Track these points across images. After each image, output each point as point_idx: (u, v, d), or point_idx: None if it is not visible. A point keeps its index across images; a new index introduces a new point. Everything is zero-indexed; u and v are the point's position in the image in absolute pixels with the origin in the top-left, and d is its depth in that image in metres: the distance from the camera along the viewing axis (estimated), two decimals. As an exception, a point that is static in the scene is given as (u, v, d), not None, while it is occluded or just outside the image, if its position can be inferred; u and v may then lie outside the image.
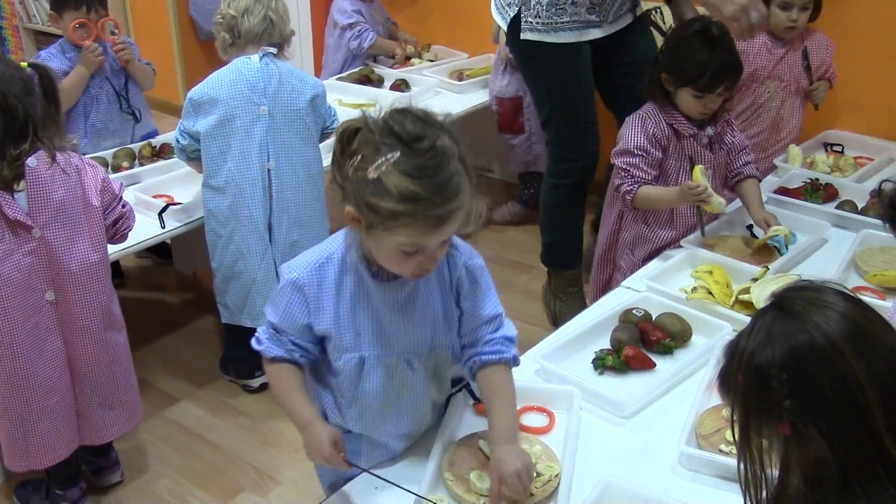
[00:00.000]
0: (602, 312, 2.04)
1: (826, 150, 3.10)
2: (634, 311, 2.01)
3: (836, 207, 2.57)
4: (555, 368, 1.82)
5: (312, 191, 2.68)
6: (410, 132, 1.31)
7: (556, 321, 3.15)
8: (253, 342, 1.59)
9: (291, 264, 1.52)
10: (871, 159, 2.97)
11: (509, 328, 1.60)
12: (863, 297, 2.06)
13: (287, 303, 1.50)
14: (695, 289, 2.12)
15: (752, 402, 1.06)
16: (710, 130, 2.36)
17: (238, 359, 2.84)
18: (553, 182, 2.90)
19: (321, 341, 1.55)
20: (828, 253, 2.39)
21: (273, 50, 2.59)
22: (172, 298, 3.47)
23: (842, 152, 3.08)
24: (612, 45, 2.68)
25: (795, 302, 1.08)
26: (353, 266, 1.48)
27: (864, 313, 1.08)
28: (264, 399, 2.81)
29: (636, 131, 2.34)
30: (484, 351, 1.57)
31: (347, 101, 3.60)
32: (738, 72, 2.29)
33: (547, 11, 2.60)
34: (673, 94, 2.32)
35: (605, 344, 1.96)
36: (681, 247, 2.35)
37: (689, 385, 1.84)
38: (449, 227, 1.35)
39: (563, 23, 2.61)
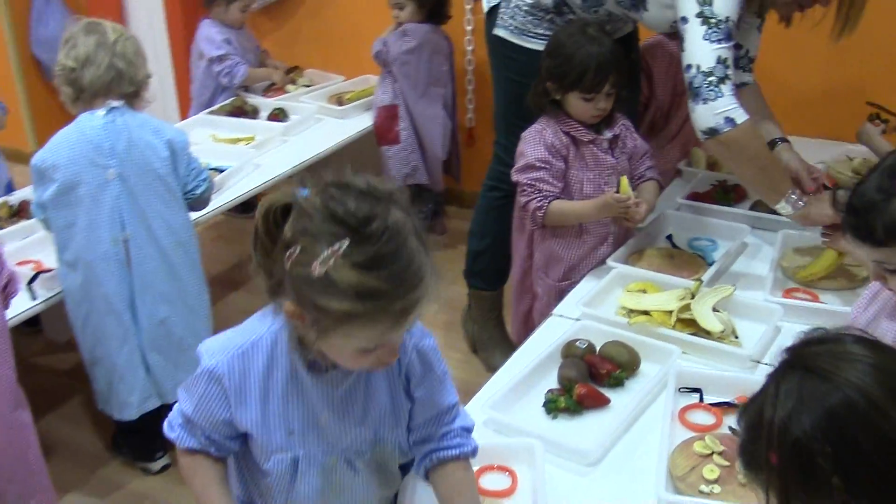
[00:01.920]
0: (542, 348, 1.89)
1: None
2: (577, 344, 1.87)
3: (751, 209, 2.53)
4: (507, 420, 1.66)
5: (183, 260, 2.36)
6: (357, 214, 1.10)
7: (476, 348, 3.02)
8: (165, 427, 1.37)
9: (211, 347, 1.29)
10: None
11: (465, 417, 1.43)
12: (797, 299, 2.09)
13: (203, 394, 1.28)
14: (631, 311, 2.01)
15: (794, 483, 0.91)
16: (608, 134, 2.26)
17: (134, 433, 2.53)
18: (491, 185, 2.75)
19: (244, 436, 1.34)
20: (752, 257, 2.33)
21: (118, 103, 2.23)
22: (45, 372, 3.10)
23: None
24: None
25: (820, 359, 0.94)
26: (283, 355, 1.26)
27: (893, 357, 0.96)
28: (169, 479, 2.52)
29: (535, 144, 2.22)
30: (441, 446, 1.38)
31: (222, 136, 3.35)
32: (622, 66, 2.20)
33: (524, 17, 2.46)
34: (563, 102, 2.21)
35: (552, 383, 1.81)
36: (604, 263, 2.25)
37: (648, 419, 1.72)
38: (413, 317, 1.17)
39: (536, 33, 2.46)
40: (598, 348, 1.86)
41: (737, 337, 1.94)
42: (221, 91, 3.77)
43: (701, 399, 1.75)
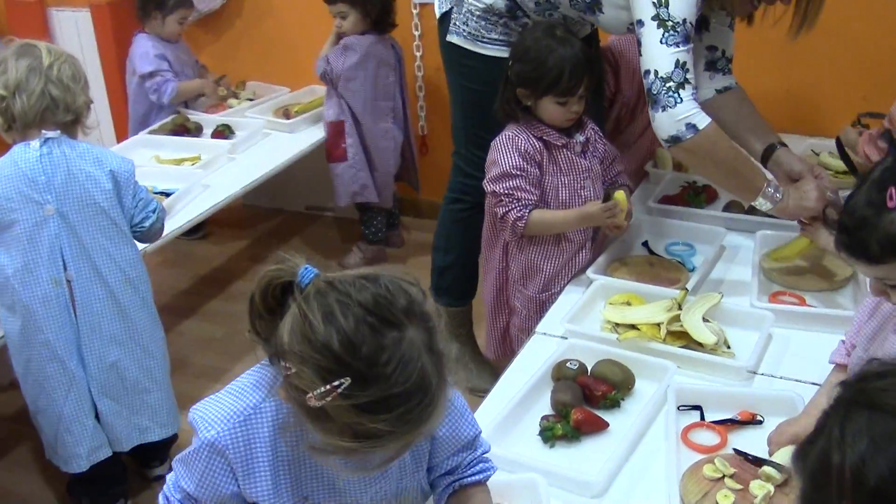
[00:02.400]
0: (530, 371, 1.79)
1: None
2: (568, 365, 1.77)
3: (725, 209, 2.47)
4: (503, 453, 1.55)
5: (132, 298, 2.18)
6: (361, 350, 0.97)
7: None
8: (160, 501, 1.24)
9: (206, 415, 1.15)
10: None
11: (484, 442, 1.34)
12: (783, 303, 2.03)
13: (205, 469, 1.15)
14: (617, 325, 1.92)
15: None
16: (580, 137, 2.18)
17: (91, 482, 2.33)
18: (454, 196, 2.64)
19: None
20: (731, 260, 2.26)
21: (54, 133, 2.05)
22: (-14, 418, 2.90)
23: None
24: None
25: (887, 395, 0.85)
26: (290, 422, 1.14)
27: None
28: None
29: (508, 151, 2.12)
30: (465, 475, 1.29)
31: (166, 156, 3.18)
32: (595, 66, 2.15)
33: (477, 23, 2.35)
34: (534, 109, 2.12)
35: (545, 408, 1.71)
36: (583, 273, 2.16)
37: (650, 441, 1.63)
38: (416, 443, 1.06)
39: (490, 38, 2.36)
40: (589, 368, 1.77)
41: (729, 347, 1.87)
42: (159, 109, 3.60)
43: (702, 417, 1.67)
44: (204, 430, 1.13)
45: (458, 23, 2.38)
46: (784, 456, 1.48)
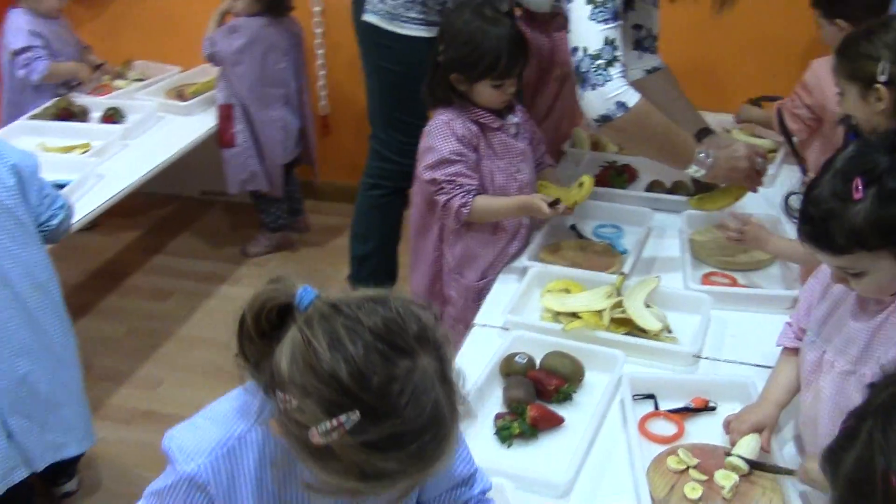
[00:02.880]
0: (478, 366, 1.72)
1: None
2: (517, 359, 1.72)
3: (648, 190, 2.47)
4: (464, 457, 1.48)
5: (42, 304, 1.97)
6: (372, 382, 0.88)
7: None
8: None
9: (184, 445, 1.03)
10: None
11: (484, 480, 1.26)
12: (716, 284, 2.04)
13: None
14: (558, 314, 1.88)
15: None
16: (513, 118, 2.13)
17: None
18: (371, 182, 2.55)
19: None
20: (660, 241, 2.25)
21: None
22: None
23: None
24: None
25: None
26: (279, 448, 1.03)
27: None
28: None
29: (445, 137, 2.04)
30: None
31: (53, 144, 2.93)
32: (528, 46, 2.08)
33: (394, 1, 2.25)
34: (468, 93, 2.05)
35: (497, 405, 1.65)
36: (516, 259, 2.13)
37: (607, 435, 1.59)
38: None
39: (409, 17, 2.26)
40: (538, 361, 1.72)
41: (670, 332, 1.85)
42: (36, 92, 3.31)
43: (656, 406, 1.65)
44: (183, 463, 1.01)
45: (374, 1, 2.27)
46: (748, 444, 1.47)
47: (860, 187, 1.22)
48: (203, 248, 3.64)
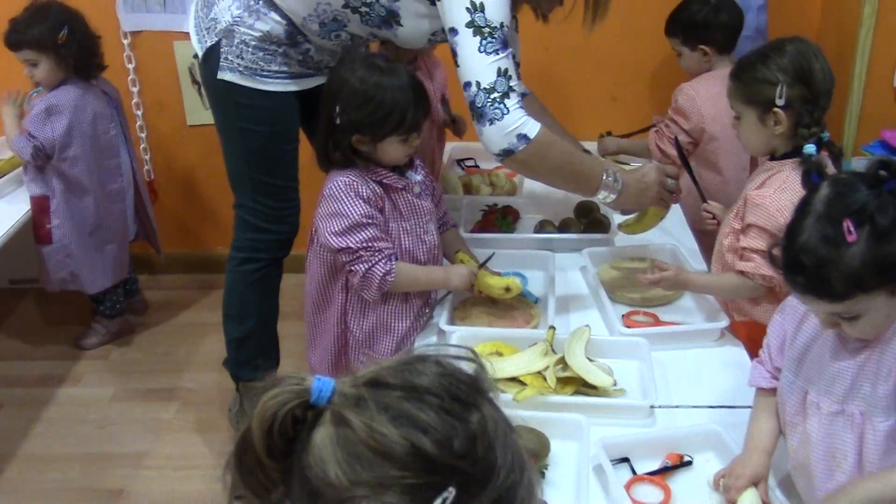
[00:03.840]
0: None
1: (462, 169, 2.91)
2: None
3: (538, 230, 2.38)
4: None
5: None
6: (460, 446, 0.73)
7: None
8: None
9: None
10: (511, 167, 2.86)
11: None
12: (638, 324, 1.98)
13: None
14: (495, 381, 1.74)
15: None
16: (417, 176, 1.98)
17: None
18: (243, 256, 2.28)
19: None
20: (568, 284, 2.17)
21: None
22: None
23: (476, 167, 2.91)
24: None
25: None
26: None
27: None
28: None
29: (352, 199, 1.85)
30: None
31: None
32: (427, 92, 1.98)
33: (254, 54, 2.02)
34: (371, 152, 1.88)
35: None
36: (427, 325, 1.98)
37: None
38: None
39: (270, 70, 2.04)
40: (498, 440, 1.57)
41: (616, 384, 1.76)
42: None
43: (633, 471, 1.54)
44: None
45: (230, 57, 2.04)
46: (750, 500, 1.40)
47: (852, 229, 1.18)
48: (25, 346, 3.16)
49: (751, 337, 1.91)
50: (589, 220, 2.40)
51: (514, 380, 1.75)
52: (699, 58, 2.66)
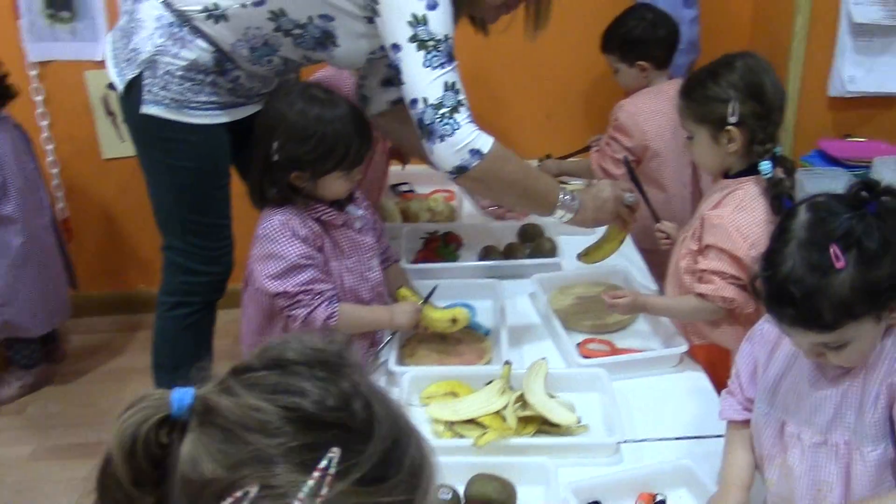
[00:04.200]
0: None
1: (397, 195, 2.80)
2: (440, 496, 1.44)
3: (483, 258, 2.29)
4: None
5: None
6: (335, 403, 0.72)
7: None
8: None
9: None
10: (450, 191, 2.76)
11: None
12: (595, 353, 1.90)
13: None
14: (452, 424, 1.64)
15: None
16: (358, 211, 1.87)
17: None
18: (174, 301, 2.12)
19: None
20: (518, 312, 2.08)
21: None
22: None
23: (412, 191, 2.81)
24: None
25: None
26: None
27: None
28: None
29: (288, 239, 1.73)
30: None
31: None
32: (369, 123, 1.88)
33: (180, 85, 1.87)
34: (312, 189, 1.76)
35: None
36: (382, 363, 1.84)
37: (570, 565, 1.37)
38: None
39: (199, 102, 1.90)
40: (461, 492, 1.46)
41: (580, 421, 1.67)
42: None
43: (607, 515, 1.45)
44: None
45: (154, 89, 1.90)
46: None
47: (840, 255, 1.12)
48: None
49: (710, 360, 1.86)
50: (535, 245, 2.32)
51: (471, 421, 1.65)
52: (637, 74, 2.61)
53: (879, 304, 1.14)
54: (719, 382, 1.82)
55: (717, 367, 1.84)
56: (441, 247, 2.33)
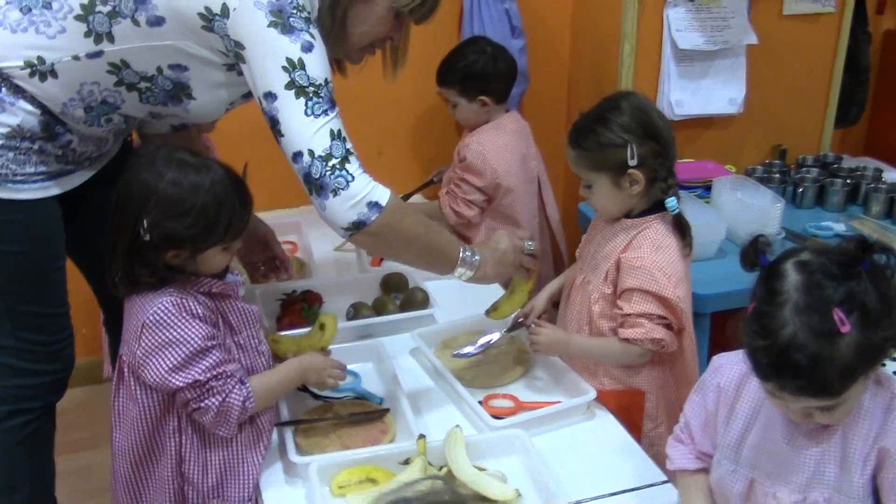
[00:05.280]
0: None
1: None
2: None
3: (353, 317, 2.11)
4: None
5: None
6: None
7: None
8: None
9: None
10: (292, 243, 2.56)
11: None
12: (502, 411, 1.79)
13: None
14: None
15: None
16: (234, 276, 1.66)
17: None
18: (6, 410, 1.76)
19: None
20: (404, 372, 1.91)
21: None
22: None
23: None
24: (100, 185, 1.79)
25: None
26: None
27: None
28: None
29: (186, 322, 1.49)
30: None
31: None
32: (247, 187, 1.66)
33: (1, 157, 1.58)
34: (189, 265, 1.53)
35: None
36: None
37: None
38: None
39: (26, 174, 1.61)
40: None
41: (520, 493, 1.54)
42: None
43: None
44: None
45: None
46: None
47: (844, 320, 1.08)
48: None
49: (622, 405, 1.81)
50: (405, 296, 2.17)
51: (399, 510, 1.49)
52: (477, 109, 2.55)
53: (875, 363, 1.12)
54: (633, 426, 1.79)
55: (631, 412, 1.80)
56: (305, 309, 2.13)
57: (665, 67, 2.66)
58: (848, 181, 2.73)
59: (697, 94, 2.70)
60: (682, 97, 2.68)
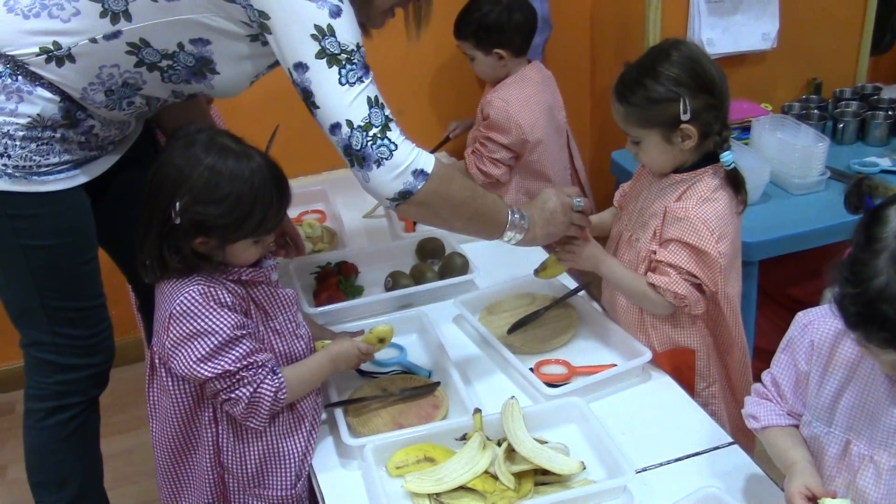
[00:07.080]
0: None
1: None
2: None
3: (392, 287, 2.04)
4: None
5: None
6: None
7: None
8: None
9: None
10: (320, 211, 2.50)
11: None
12: (553, 376, 1.74)
13: None
14: (437, 497, 1.43)
15: None
16: (271, 261, 1.59)
17: None
18: (49, 406, 1.73)
19: None
20: (449, 342, 1.84)
21: None
22: None
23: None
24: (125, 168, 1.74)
25: None
26: None
27: None
28: None
29: (214, 311, 1.43)
30: None
31: None
32: (285, 178, 1.57)
33: (23, 149, 1.51)
34: (217, 255, 1.47)
35: None
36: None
37: None
38: None
39: (51, 164, 1.55)
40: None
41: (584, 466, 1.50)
42: None
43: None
44: None
45: None
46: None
47: None
48: None
49: (674, 365, 1.75)
50: (443, 262, 2.11)
51: (461, 488, 1.45)
52: (494, 62, 2.45)
53: None
54: (687, 386, 1.73)
55: (683, 371, 1.74)
56: (342, 281, 2.07)
57: (694, 5, 2.55)
58: (890, 113, 2.62)
59: (728, 31, 2.58)
60: (713, 35, 2.57)
